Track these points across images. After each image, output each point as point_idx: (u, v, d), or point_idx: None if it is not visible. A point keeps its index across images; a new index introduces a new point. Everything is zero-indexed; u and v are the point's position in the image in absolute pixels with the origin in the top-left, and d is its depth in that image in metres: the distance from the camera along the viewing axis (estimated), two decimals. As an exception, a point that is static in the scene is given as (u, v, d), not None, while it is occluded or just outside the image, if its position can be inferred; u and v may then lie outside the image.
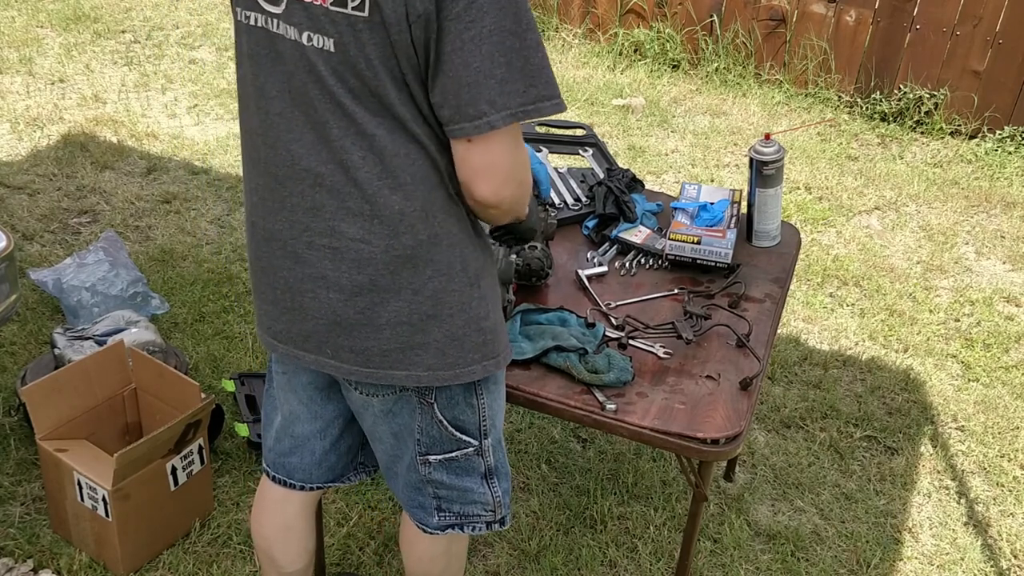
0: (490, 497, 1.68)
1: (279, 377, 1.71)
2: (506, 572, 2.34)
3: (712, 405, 1.67)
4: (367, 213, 1.38)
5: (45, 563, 2.26)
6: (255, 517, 1.86)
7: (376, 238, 1.39)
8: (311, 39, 1.31)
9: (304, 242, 1.44)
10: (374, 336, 1.45)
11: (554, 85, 1.31)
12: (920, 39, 4.89)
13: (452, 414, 1.56)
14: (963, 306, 3.55)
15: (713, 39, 5.39)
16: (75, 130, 4.30)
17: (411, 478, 1.65)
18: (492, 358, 1.51)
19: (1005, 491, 2.71)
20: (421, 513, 1.69)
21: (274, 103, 1.40)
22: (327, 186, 1.39)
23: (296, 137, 1.39)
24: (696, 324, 1.88)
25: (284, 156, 1.41)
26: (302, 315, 1.49)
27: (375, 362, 1.47)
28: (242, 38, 1.43)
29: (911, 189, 4.38)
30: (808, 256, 3.77)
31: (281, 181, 1.43)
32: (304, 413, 1.70)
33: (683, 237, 2.08)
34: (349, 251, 1.41)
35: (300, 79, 1.35)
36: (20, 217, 3.62)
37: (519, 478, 2.63)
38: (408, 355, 1.46)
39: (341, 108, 1.34)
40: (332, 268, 1.43)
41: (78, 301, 2.92)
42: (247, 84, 1.45)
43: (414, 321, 1.44)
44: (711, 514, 2.55)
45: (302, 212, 1.42)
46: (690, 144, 4.67)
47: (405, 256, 1.40)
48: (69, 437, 2.26)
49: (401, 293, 1.42)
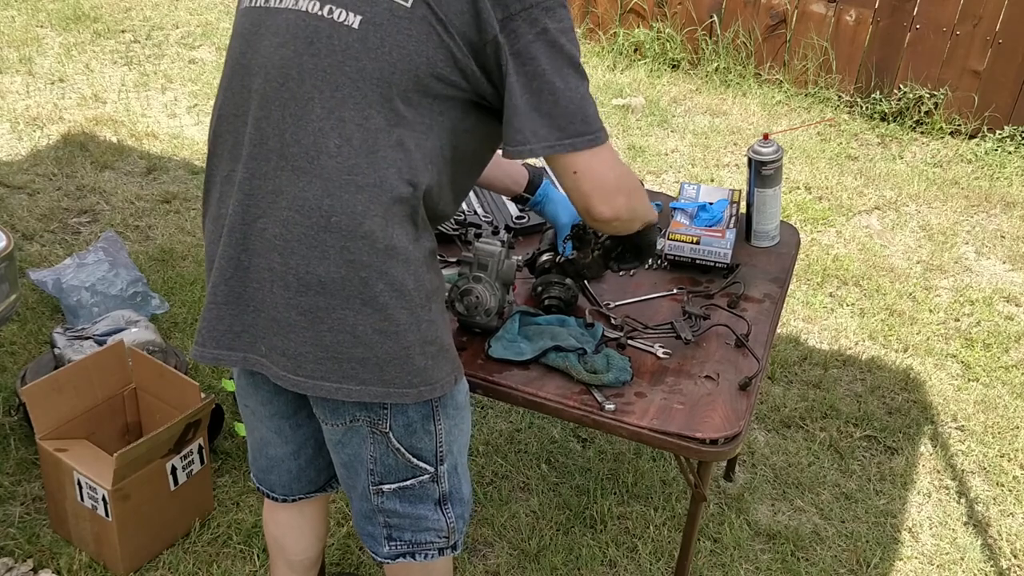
0: (444, 523, 1.61)
1: (243, 409, 1.66)
2: (506, 572, 2.34)
3: (711, 405, 1.67)
4: (326, 208, 1.30)
5: (45, 563, 2.26)
6: (267, 509, 1.85)
7: (332, 237, 1.31)
8: (332, 11, 1.28)
9: (257, 229, 1.36)
10: (312, 342, 1.36)
11: (593, 120, 1.33)
12: (920, 39, 4.89)
13: (410, 442, 1.49)
14: (963, 306, 3.55)
15: (713, 39, 5.39)
16: (75, 130, 4.30)
17: (362, 507, 1.61)
18: (429, 384, 1.42)
19: (1005, 491, 2.71)
20: (371, 542, 1.65)
21: (255, 79, 1.35)
22: (290, 168, 1.32)
23: (266, 114, 1.33)
24: (695, 324, 1.88)
25: (252, 135, 1.35)
26: (242, 307, 1.40)
27: (306, 370, 1.38)
28: (240, 20, 1.43)
29: (911, 189, 4.38)
30: (808, 256, 3.77)
31: (244, 162, 1.36)
32: (275, 439, 1.67)
33: (682, 237, 2.08)
34: (301, 246, 1.32)
35: (293, 50, 1.30)
36: (20, 217, 3.62)
37: (519, 478, 2.64)
38: (343, 367, 1.37)
39: (333, 86, 1.28)
40: (280, 261, 1.34)
41: (78, 301, 2.93)
42: (230, 65, 1.42)
43: (358, 333, 1.34)
44: (711, 514, 2.55)
45: (261, 196, 1.35)
46: (690, 144, 4.67)
47: (360, 263, 1.32)
48: (69, 437, 2.27)
49: (350, 301, 1.33)
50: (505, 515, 2.50)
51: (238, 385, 1.66)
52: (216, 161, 1.45)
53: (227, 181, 1.42)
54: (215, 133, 1.44)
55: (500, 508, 2.52)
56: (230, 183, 1.41)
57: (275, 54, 1.33)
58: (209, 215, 1.47)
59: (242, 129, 1.38)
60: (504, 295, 1.78)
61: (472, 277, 1.74)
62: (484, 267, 1.75)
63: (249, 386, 1.61)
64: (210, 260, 1.46)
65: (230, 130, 1.41)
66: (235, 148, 1.40)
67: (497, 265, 1.76)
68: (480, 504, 2.53)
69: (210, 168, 1.46)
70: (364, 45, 1.27)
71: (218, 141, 1.44)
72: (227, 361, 1.45)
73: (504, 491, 2.58)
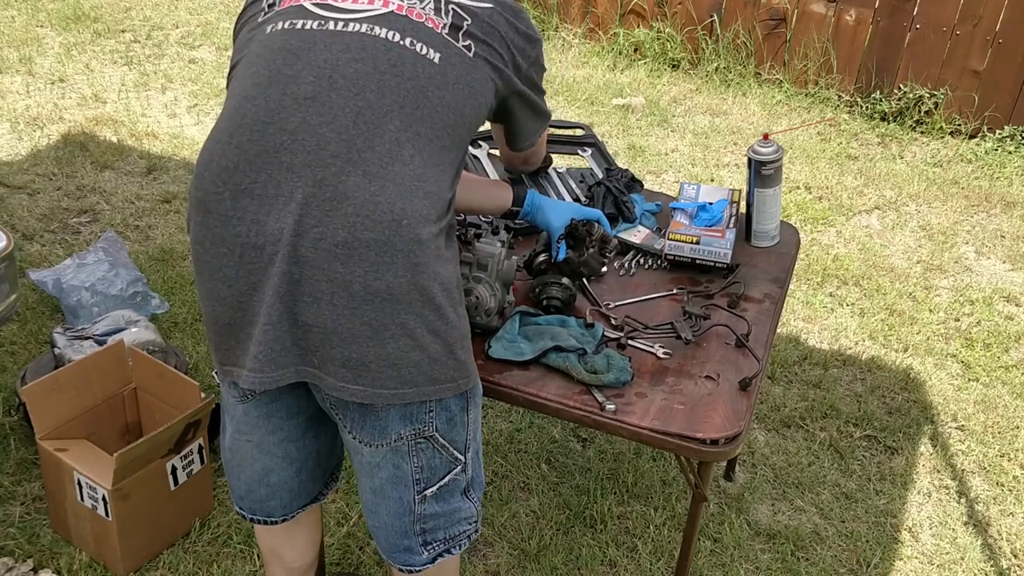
0: (472, 509, 1.66)
1: (244, 445, 1.63)
2: (506, 572, 2.34)
3: (711, 405, 1.67)
4: (398, 212, 1.34)
5: (45, 563, 2.26)
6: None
7: (401, 242, 1.35)
8: (414, 44, 1.44)
9: (311, 239, 1.33)
10: (375, 350, 1.37)
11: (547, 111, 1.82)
12: (920, 39, 4.89)
13: (451, 435, 1.54)
14: (963, 306, 3.55)
15: (713, 39, 5.39)
16: (75, 130, 4.30)
17: (399, 525, 1.60)
18: (466, 376, 1.50)
19: (1005, 491, 2.71)
20: (407, 556, 1.64)
21: (304, 87, 1.37)
22: (361, 173, 1.34)
23: (327, 120, 1.35)
24: (695, 324, 1.88)
25: (303, 141, 1.34)
26: (292, 321, 1.37)
27: (366, 379, 1.39)
28: (280, 36, 1.43)
29: (911, 189, 4.38)
30: (808, 256, 3.77)
31: (289, 170, 1.34)
32: (279, 464, 1.66)
33: (682, 237, 2.08)
34: (370, 252, 1.34)
35: (373, 67, 1.40)
36: (20, 217, 3.62)
37: (519, 478, 2.64)
38: (401, 372, 1.40)
39: (414, 105, 1.40)
40: (344, 271, 1.33)
41: (78, 301, 2.93)
42: (265, 75, 1.39)
43: (417, 335, 1.39)
44: (711, 514, 2.55)
45: (316, 203, 1.33)
46: (690, 144, 4.67)
47: (422, 265, 1.37)
48: (69, 437, 2.27)
49: (413, 305, 1.37)
50: (505, 515, 2.50)
51: (241, 420, 1.60)
52: (228, 175, 1.38)
53: (246, 194, 1.36)
54: (232, 143, 1.38)
55: (500, 508, 2.52)
56: (251, 196, 1.36)
57: (346, 67, 1.39)
58: (214, 235, 1.39)
59: (275, 137, 1.36)
60: (504, 295, 1.78)
61: (472, 277, 1.74)
62: (484, 267, 1.75)
63: (260, 418, 1.58)
64: (224, 283, 1.40)
65: (255, 139, 1.37)
66: (260, 157, 1.36)
67: (497, 265, 1.76)
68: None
69: (217, 182, 1.39)
70: (444, 79, 1.44)
71: (233, 152, 1.38)
72: (285, 379, 1.42)
73: (504, 491, 2.58)
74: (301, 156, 1.35)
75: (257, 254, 1.36)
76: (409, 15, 1.46)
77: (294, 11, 1.46)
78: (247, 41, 1.50)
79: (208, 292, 1.43)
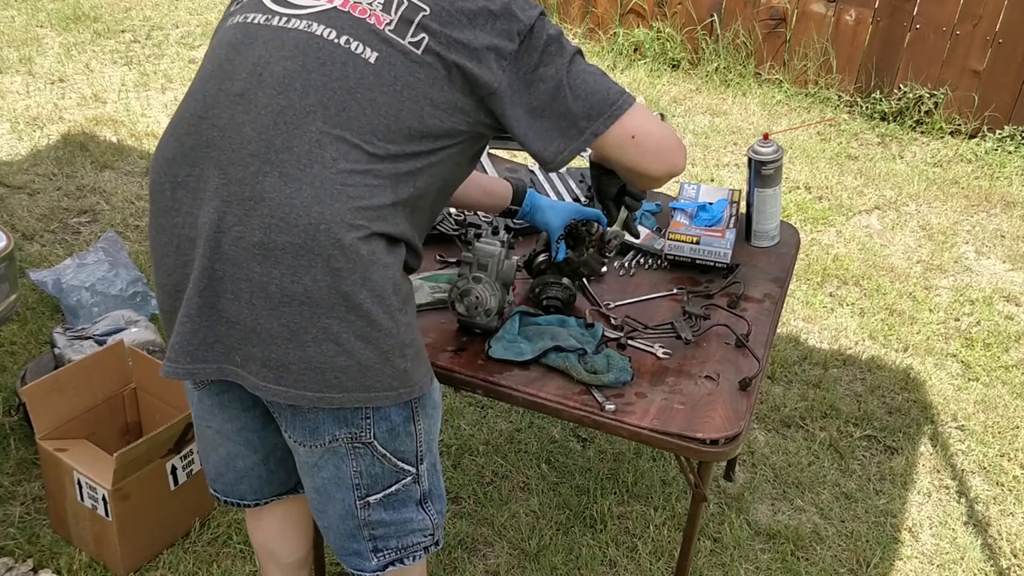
0: (428, 521, 1.62)
1: (205, 431, 1.64)
2: (506, 572, 2.34)
3: (711, 405, 1.67)
4: (315, 216, 1.30)
5: (45, 563, 2.26)
6: (250, 518, 1.85)
7: (319, 246, 1.30)
8: (349, 42, 1.36)
9: (232, 237, 1.32)
10: (295, 353, 1.34)
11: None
12: (920, 38, 4.89)
13: (394, 446, 1.50)
14: (963, 305, 3.55)
15: (713, 39, 5.39)
16: (75, 130, 4.30)
17: (343, 527, 1.58)
18: (408, 386, 1.43)
19: (1005, 490, 2.71)
20: (356, 560, 1.61)
21: (236, 83, 1.36)
22: (277, 174, 1.30)
23: (251, 119, 1.32)
24: (695, 324, 1.88)
25: (228, 138, 1.33)
26: (215, 318, 1.36)
27: (288, 380, 1.36)
28: (230, 31, 1.43)
29: (911, 188, 4.38)
30: (808, 256, 3.77)
31: (215, 165, 1.33)
32: (243, 451, 1.65)
33: (682, 237, 2.08)
34: (286, 255, 1.31)
35: (301, 65, 1.34)
36: (20, 217, 3.62)
37: (519, 478, 2.64)
38: (326, 376, 1.36)
39: (340, 106, 1.32)
40: (261, 272, 1.31)
41: (78, 301, 2.93)
42: (207, 70, 1.41)
43: (342, 341, 1.34)
44: (711, 513, 2.55)
45: (237, 202, 1.31)
46: (690, 143, 4.67)
47: (345, 270, 1.32)
48: (69, 437, 2.27)
49: (335, 310, 1.33)
50: (505, 515, 2.50)
51: (198, 408, 1.61)
52: (168, 166, 1.39)
53: (182, 187, 1.37)
54: (173, 136, 1.40)
55: (500, 508, 2.52)
56: (186, 188, 1.36)
57: (276, 65, 1.35)
58: (157, 224, 1.41)
59: (207, 132, 1.36)
60: (504, 295, 1.78)
61: (472, 277, 1.74)
62: (484, 267, 1.75)
63: (213, 407, 1.58)
64: (165, 272, 1.42)
65: (191, 132, 1.37)
66: (194, 151, 1.36)
67: (497, 265, 1.76)
68: (480, 504, 2.54)
69: (160, 173, 1.41)
70: (378, 79, 1.36)
71: (174, 144, 1.39)
72: (201, 374, 1.41)
73: (504, 491, 2.58)
74: (227, 153, 1.34)
75: (190, 246, 1.37)
76: (352, 11, 1.39)
77: (253, 5, 1.45)
78: (214, 34, 1.51)
79: (156, 280, 1.46)
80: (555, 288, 1.87)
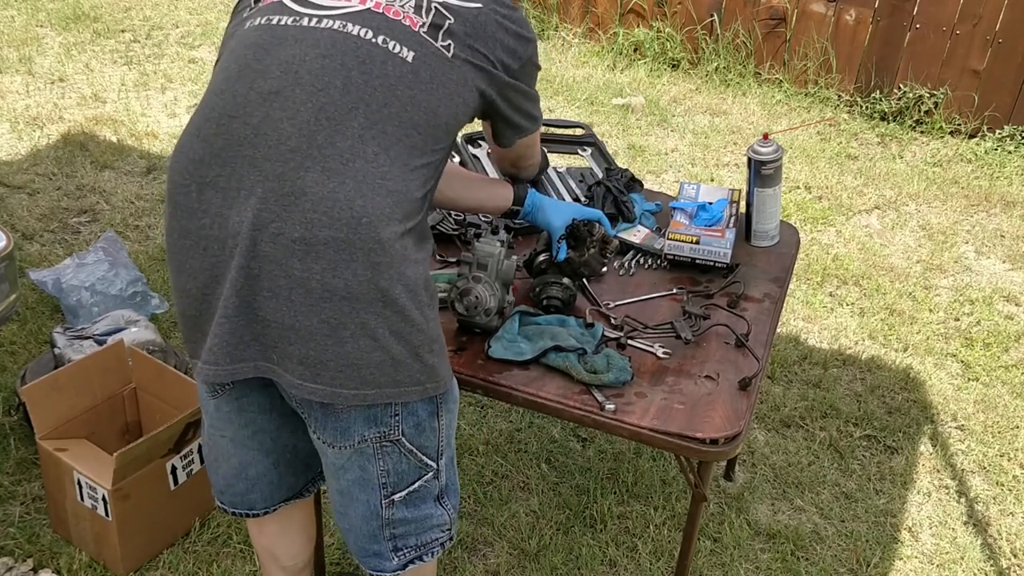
0: (446, 516, 1.63)
1: (219, 440, 1.64)
2: (506, 571, 2.34)
3: (711, 405, 1.67)
4: (357, 209, 1.32)
5: (45, 563, 2.26)
6: (252, 522, 1.84)
7: (361, 240, 1.32)
8: (387, 42, 1.41)
9: (270, 233, 1.32)
10: (333, 349, 1.35)
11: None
12: (920, 38, 4.89)
13: (420, 441, 1.51)
14: (963, 305, 3.55)
15: (713, 38, 5.39)
16: (75, 129, 4.30)
17: (367, 528, 1.59)
18: (435, 381, 1.46)
19: (1005, 490, 2.71)
20: (376, 560, 1.62)
21: (269, 82, 1.36)
22: (319, 169, 1.32)
23: (290, 115, 1.34)
24: (695, 324, 1.88)
25: (265, 135, 1.34)
26: (251, 316, 1.36)
27: (325, 378, 1.37)
28: (254, 32, 1.44)
29: (911, 188, 4.38)
30: (808, 255, 3.77)
31: (250, 163, 1.34)
32: (255, 456, 1.65)
33: (682, 237, 2.08)
34: (328, 250, 1.32)
35: (340, 63, 1.37)
36: (20, 217, 3.62)
37: (519, 477, 2.64)
38: (362, 372, 1.38)
39: (381, 103, 1.37)
40: (301, 267, 1.32)
41: (78, 301, 2.93)
42: (234, 70, 1.40)
43: (378, 336, 1.36)
44: (711, 513, 2.55)
45: (275, 198, 1.32)
46: (690, 143, 4.67)
47: (384, 264, 1.34)
48: (69, 436, 2.27)
49: (373, 305, 1.35)
50: (505, 515, 2.50)
51: (214, 416, 1.60)
52: (194, 167, 1.38)
53: (211, 187, 1.36)
54: (199, 137, 1.39)
55: (500, 508, 2.52)
56: (215, 189, 1.36)
57: (313, 63, 1.37)
58: (181, 228, 1.40)
59: (239, 131, 1.36)
60: (504, 295, 1.78)
61: (472, 277, 1.74)
62: (484, 267, 1.75)
63: (231, 412, 1.58)
64: (188, 276, 1.40)
65: (220, 132, 1.37)
66: (225, 150, 1.36)
67: (497, 265, 1.76)
68: (480, 504, 2.54)
69: (184, 175, 1.40)
70: (416, 77, 1.42)
71: (200, 145, 1.39)
72: (241, 373, 1.41)
73: (504, 491, 2.58)
74: (262, 150, 1.34)
75: (219, 247, 1.36)
76: (386, 13, 1.44)
77: (274, 7, 1.47)
78: (229, 37, 1.51)
79: (176, 285, 1.44)
80: (555, 288, 1.87)
